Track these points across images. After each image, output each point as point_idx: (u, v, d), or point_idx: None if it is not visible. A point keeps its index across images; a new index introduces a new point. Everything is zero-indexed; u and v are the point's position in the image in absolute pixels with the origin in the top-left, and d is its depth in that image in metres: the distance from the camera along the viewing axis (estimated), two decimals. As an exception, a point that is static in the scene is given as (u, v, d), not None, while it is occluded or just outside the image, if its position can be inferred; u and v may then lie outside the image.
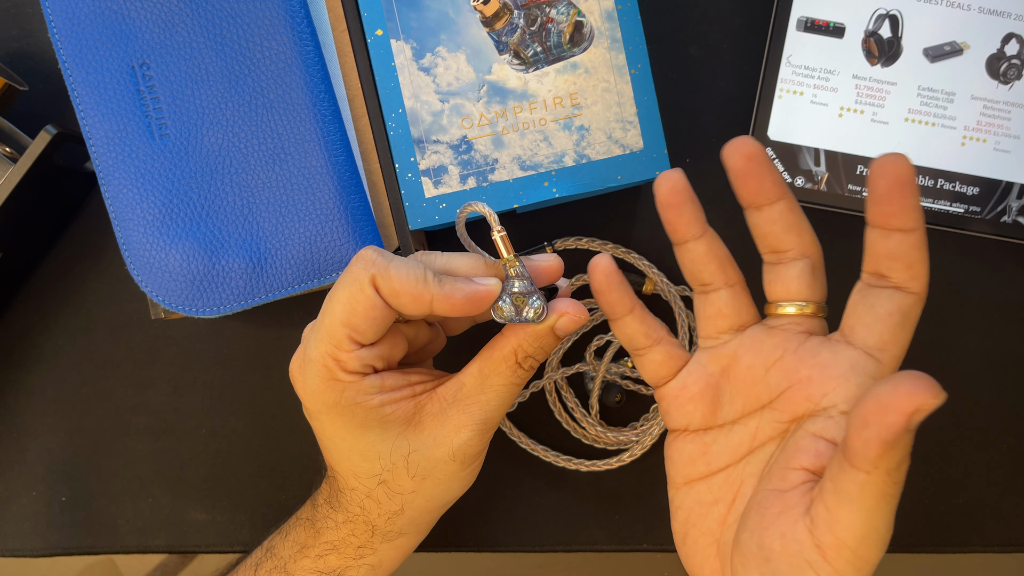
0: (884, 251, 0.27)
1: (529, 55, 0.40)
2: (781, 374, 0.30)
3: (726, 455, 0.31)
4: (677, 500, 0.33)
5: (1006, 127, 0.46)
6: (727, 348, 0.31)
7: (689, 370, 0.32)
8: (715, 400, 0.32)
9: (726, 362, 0.31)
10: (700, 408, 0.32)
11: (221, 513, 0.47)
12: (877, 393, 0.23)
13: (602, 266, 0.32)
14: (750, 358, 0.31)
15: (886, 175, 0.26)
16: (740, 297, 0.32)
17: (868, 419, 0.23)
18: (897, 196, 0.26)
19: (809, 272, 0.30)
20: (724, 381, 0.32)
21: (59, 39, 0.39)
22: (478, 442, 0.34)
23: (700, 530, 0.32)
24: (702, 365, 0.32)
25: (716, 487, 0.31)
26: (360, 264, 0.32)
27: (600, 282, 0.32)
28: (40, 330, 0.47)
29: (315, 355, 0.33)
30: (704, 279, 0.31)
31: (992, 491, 0.48)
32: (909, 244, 0.27)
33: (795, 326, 0.30)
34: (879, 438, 0.23)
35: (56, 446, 0.47)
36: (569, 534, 0.47)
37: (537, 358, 0.34)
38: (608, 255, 0.32)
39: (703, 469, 0.32)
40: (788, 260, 0.30)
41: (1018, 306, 0.48)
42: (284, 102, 0.39)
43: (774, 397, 0.30)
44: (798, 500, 0.27)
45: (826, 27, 0.45)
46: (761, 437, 0.31)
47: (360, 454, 0.34)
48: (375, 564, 0.37)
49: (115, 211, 0.39)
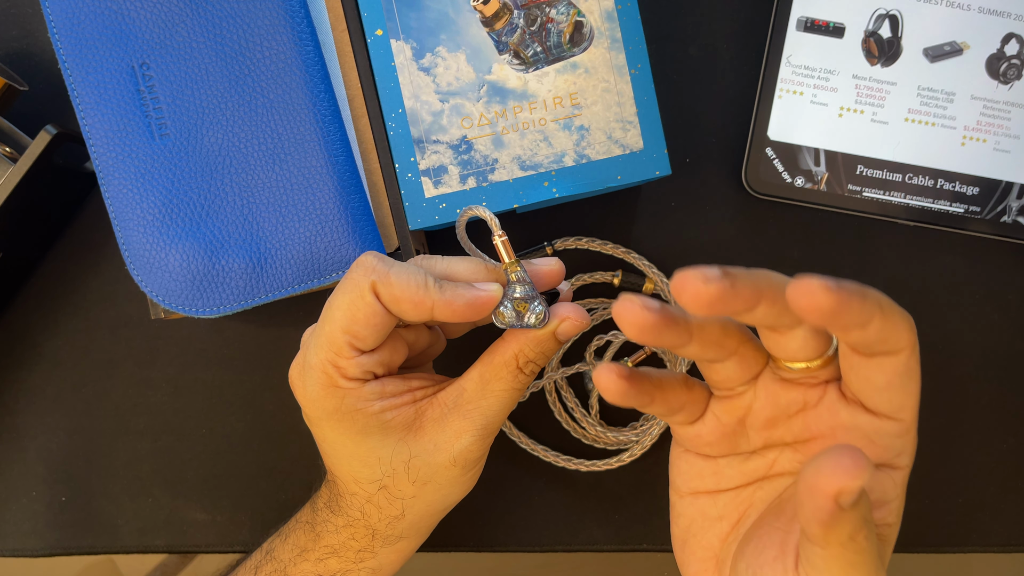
0: (852, 346, 0.25)
1: (529, 55, 0.40)
2: (802, 426, 0.29)
3: (738, 478, 0.30)
4: (679, 507, 0.32)
5: (1006, 127, 0.46)
6: (742, 400, 0.29)
7: (704, 421, 0.30)
8: (732, 443, 0.30)
9: (742, 413, 0.29)
10: (715, 450, 0.30)
11: (221, 513, 0.47)
12: (805, 474, 0.22)
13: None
14: (768, 411, 0.29)
15: (803, 305, 0.22)
16: (747, 357, 0.28)
17: (803, 499, 0.22)
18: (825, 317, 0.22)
19: (812, 336, 0.26)
20: (741, 428, 0.30)
21: (59, 39, 0.39)
22: (479, 447, 0.34)
23: (700, 542, 0.31)
24: (717, 417, 0.30)
25: (722, 504, 0.31)
26: (360, 270, 0.32)
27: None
28: (40, 330, 0.47)
29: (315, 362, 0.33)
30: (706, 360, 0.28)
31: (992, 491, 0.48)
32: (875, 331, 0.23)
33: (809, 379, 0.28)
34: (815, 518, 0.22)
35: (56, 446, 0.47)
36: (569, 534, 0.47)
37: (538, 363, 0.34)
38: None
39: (711, 485, 0.31)
40: (786, 330, 0.26)
41: (1018, 306, 0.48)
42: (284, 102, 0.39)
43: (797, 441, 0.29)
44: (794, 549, 0.26)
45: (826, 27, 0.45)
46: (778, 469, 0.30)
47: (360, 460, 0.34)
48: (375, 568, 0.37)
49: (115, 211, 0.39)
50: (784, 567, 0.26)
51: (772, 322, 0.25)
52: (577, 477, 0.47)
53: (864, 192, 0.46)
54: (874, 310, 0.23)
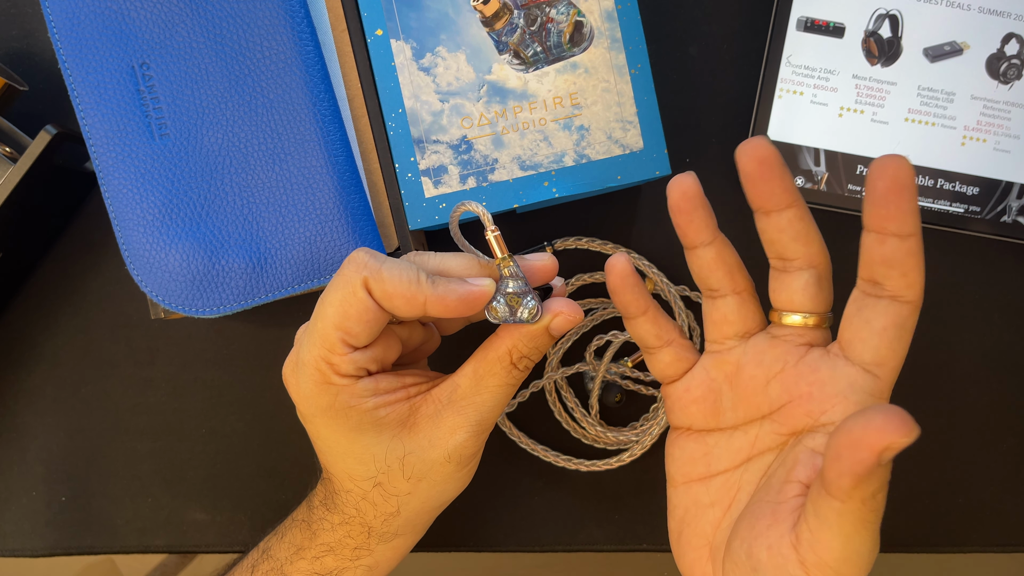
0: (879, 257, 0.27)
1: (529, 55, 0.40)
2: (781, 388, 0.30)
3: (726, 459, 0.32)
4: (675, 499, 0.33)
5: (1006, 127, 0.46)
6: (732, 355, 0.32)
7: (693, 373, 0.33)
8: (717, 404, 0.32)
9: (730, 369, 0.32)
10: (702, 410, 0.32)
11: (221, 513, 0.47)
12: (850, 427, 0.23)
13: (618, 267, 0.32)
14: (752, 368, 0.31)
15: (884, 177, 0.25)
16: (747, 304, 0.31)
17: (841, 452, 0.23)
18: (895, 199, 0.25)
19: (815, 283, 0.29)
20: (727, 387, 0.32)
21: (59, 39, 0.39)
22: (473, 443, 0.34)
23: (694, 531, 0.32)
24: (706, 370, 0.32)
25: (714, 490, 0.32)
26: (352, 266, 0.32)
27: (615, 283, 0.32)
28: (40, 330, 0.47)
29: (308, 358, 0.33)
30: (712, 285, 0.31)
31: (992, 491, 0.48)
32: (905, 251, 0.26)
33: (797, 337, 0.30)
34: (851, 471, 0.23)
35: (56, 446, 0.47)
36: (569, 534, 0.47)
37: (532, 358, 0.34)
38: (625, 255, 0.32)
39: (702, 470, 0.32)
40: (794, 269, 0.30)
41: (1018, 306, 0.48)
42: (284, 102, 0.39)
43: (774, 409, 0.30)
44: (788, 514, 0.27)
45: (826, 27, 0.45)
46: (760, 446, 0.31)
47: (355, 457, 0.34)
48: (372, 565, 0.37)
49: (115, 211, 0.39)
50: (779, 532, 0.27)
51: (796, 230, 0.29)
52: (577, 477, 0.47)
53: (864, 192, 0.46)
54: (918, 234, 0.26)
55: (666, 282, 0.45)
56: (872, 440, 0.22)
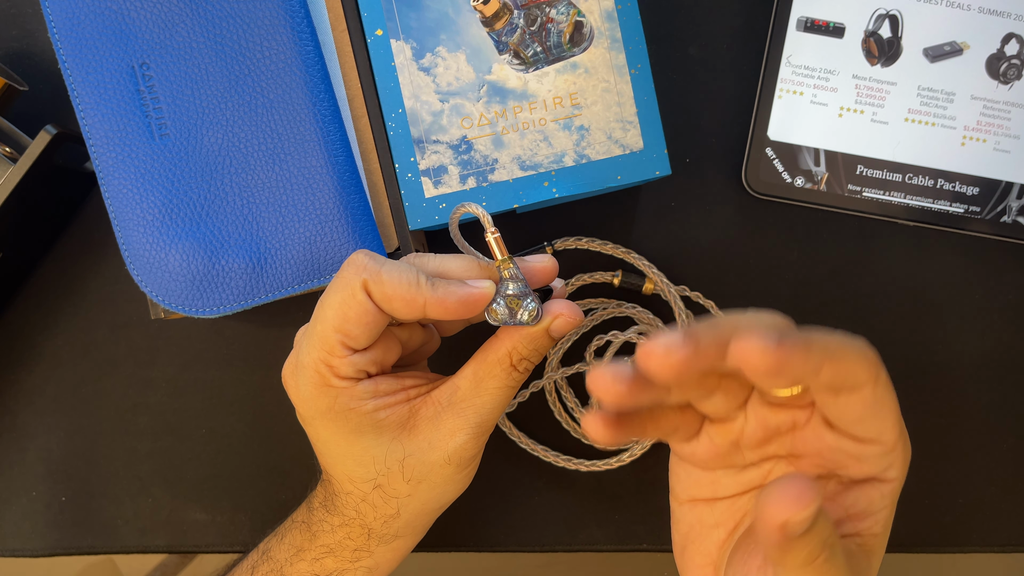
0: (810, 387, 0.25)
1: (529, 55, 0.40)
2: (793, 444, 0.29)
3: (734, 487, 0.31)
4: (678, 514, 0.32)
5: (1006, 127, 0.46)
6: (735, 424, 0.29)
7: (699, 441, 0.30)
8: (727, 459, 0.30)
9: (735, 436, 0.29)
10: (711, 465, 0.31)
11: (221, 513, 0.47)
12: (756, 502, 0.23)
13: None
14: (760, 433, 0.29)
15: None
16: (731, 390, 0.28)
17: (757, 526, 0.23)
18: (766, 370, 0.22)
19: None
20: (735, 448, 0.30)
21: (59, 39, 0.39)
22: (473, 445, 0.34)
23: (698, 549, 0.31)
24: (711, 438, 0.30)
25: (719, 512, 0.31)
26: (351, 269, 0.31)
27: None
28: (40, 330, 0.47)
29: (307, 361, 0.32)
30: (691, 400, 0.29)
31: (992, 491, 0.48)
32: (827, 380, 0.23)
33: (796, 402, 0.28)
34: (768, 544, 0.23)
35: (56, 446, 0.47)
36: (569, 534, 0.47)
37: (532, 360, 0.34)
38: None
39: (708, 493, 0.31)
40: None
41: (1018, 306, 0.48)
42: (284, 102, 0.39)
43: (791, 456, 0.30)
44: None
45: (826, 27, 0.45)
46: (774, 478, 0.30)
47: (355, 459, 0.34)
48: (371, 567, 0.37)
49: (115, 211, 0.39)
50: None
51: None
52: (577, 477, 0.47)
53: (864, 192, 0.46)
54: (821, 359, 0.22)
55: (666, 282, 0.45)
56: (770, 517, 0.22)
